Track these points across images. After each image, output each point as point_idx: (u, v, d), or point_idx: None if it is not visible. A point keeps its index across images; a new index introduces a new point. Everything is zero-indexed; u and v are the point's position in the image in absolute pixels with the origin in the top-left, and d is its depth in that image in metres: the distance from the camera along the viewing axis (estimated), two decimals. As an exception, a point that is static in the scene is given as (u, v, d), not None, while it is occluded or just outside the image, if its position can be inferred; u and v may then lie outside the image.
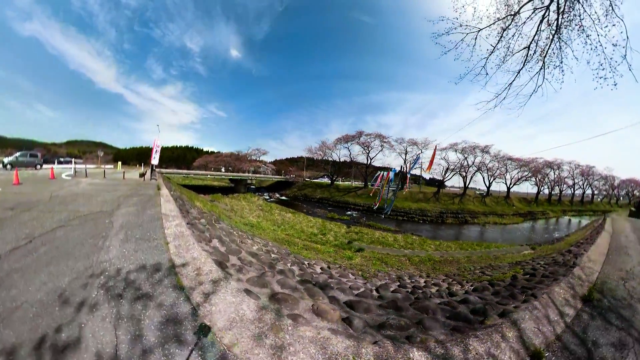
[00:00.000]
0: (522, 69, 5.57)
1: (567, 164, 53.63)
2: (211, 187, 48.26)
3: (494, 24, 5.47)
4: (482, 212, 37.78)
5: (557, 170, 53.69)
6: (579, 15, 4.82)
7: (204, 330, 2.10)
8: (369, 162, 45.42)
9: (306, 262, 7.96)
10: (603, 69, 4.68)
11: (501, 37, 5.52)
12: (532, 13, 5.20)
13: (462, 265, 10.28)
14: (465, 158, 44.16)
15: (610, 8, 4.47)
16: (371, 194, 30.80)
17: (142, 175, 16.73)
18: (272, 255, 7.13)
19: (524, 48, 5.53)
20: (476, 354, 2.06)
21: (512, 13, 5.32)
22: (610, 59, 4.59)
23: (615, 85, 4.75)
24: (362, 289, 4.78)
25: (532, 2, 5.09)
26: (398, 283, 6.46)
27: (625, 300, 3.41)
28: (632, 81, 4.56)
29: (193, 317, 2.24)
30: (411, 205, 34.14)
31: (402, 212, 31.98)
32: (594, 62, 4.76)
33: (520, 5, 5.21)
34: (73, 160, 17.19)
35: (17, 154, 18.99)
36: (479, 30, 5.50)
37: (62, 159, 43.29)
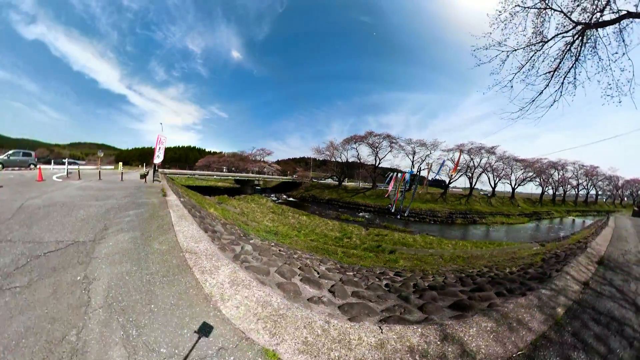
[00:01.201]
0: (545, 89, 7.12)
1: (571, 164, 55.33)
2: (215, 188, 48.37)
3: (527, 47, 6.98)
4: (489, 212, 39.47)
5: (561, 171, 55.52)
6: (596, 45, 6.37)
7: None
8: (378, 162, 46.91)
9: (377, 271, 7.54)
10: (610, 88, 6.24)
11: (530, 58, 7.04)
12: (560, 41, 6.72)
13: (490, 259, 11.34)
14: (472, 159, 45.89)
15: (621, 38, 5.99)
16: (386, 196, 32.24)
17: (144, 176, 15.42)
18: (347, 275, 5.91)
19: (549, 72, 7.06)
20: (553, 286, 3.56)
21: (544, 40, 6.84)
22: (618, 80, 6.13)
23: (620, 102, 6.28)
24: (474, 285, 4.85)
25: (563, 33, 6.60)
26: (464, 274, 6.97)
27: (623, 264, 5.10)
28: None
29: None
30: (421, 206, 35.70)
31: (413, 213, 33.53)
32: (603, 82, 6.31)
33: (552, 36, 6.72)
34: (66, 160, 16.15)
35: (10, 152, 18.31)
36: (514, 50, 7.00)
37: (64, 160, 44.29)
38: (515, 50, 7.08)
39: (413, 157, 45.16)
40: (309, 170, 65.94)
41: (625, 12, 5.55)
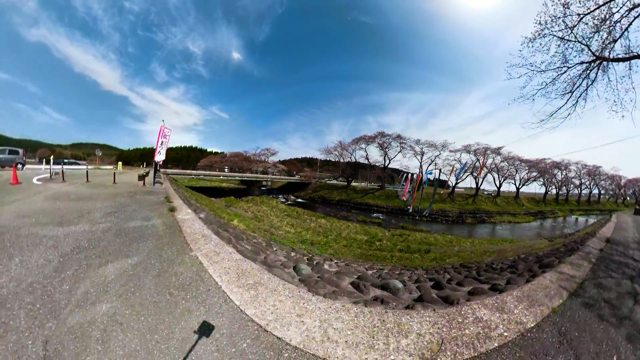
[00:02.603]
0: (562, 106, 9.09)
1: (574, 164, 57.72)
2: (220, 189, 48.15)
3: (551, 70, 8.92)
4: (496, 211, 41.73)
5: (565, 171, 58.08)
6: (608, 70, 8.36)
7: None
8: (388, 163, 48.91)
9: (447, 267, 7.92)
10: (615, 105, 8.24)
11: (553, 79, 8.98)
12: (581, 66, 8.67)
13: (511, 252, 12.64)
14: (478, 159, 48.13)
15: (629, 67, 7.99)
16: (403, 197, 34.09)
17: (143, 177, 13.58)
18: (439, 276, 6.00)
19: (568, 92, 9.01)
20: (581, 253, 5.51)
21: (568, 66, 8.78)
22: (622, 99, 8.12)
23: (623, 117, 8.28)
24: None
25: (584, 62, 8.56)
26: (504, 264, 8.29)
27: (624, 242, 7.30)
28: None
29: None
30: (425, 205, 37.71)
31: (420, 212, 35.47)
32: (610, 99, 8.30)
33: (576, 63, 8.66)
34: (51, 159, 14.34)
35: None
36: (541, 71, 8.95)
37: (65, 160, 45.74)
38: (542, 71, 9.03)
39: (421, 158, 47.27)
40: (315, 170, 67.47)
41: (636, 54, 7.57)
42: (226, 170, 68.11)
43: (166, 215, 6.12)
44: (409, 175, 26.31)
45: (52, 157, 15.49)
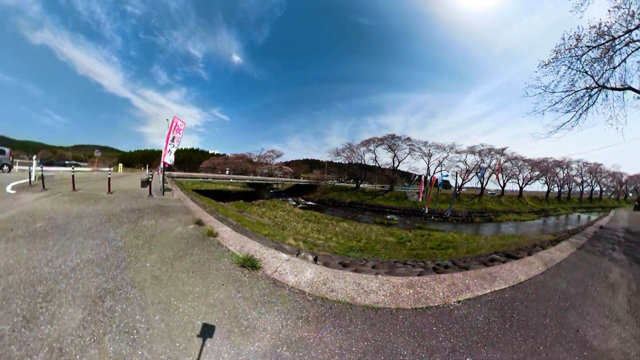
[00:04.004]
0: (567, 122, 11.62)
1: (576, 162, 60.15)
2: (226, 192, 47.56)
3: (560, 92, 11.48)
4: (501, 210, 44.38)
5: (566, 169, 60.88)
6: (607, 93, 10.93)
7: None
8: (397, 165, 51.48)
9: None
10: (611, 118, 10.83)
11: (562, 99, 11.53)
12: (585, 92, 11.22)
13: (526, 242, 15.30)
14: (483, 160, 50.82)
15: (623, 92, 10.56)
16: (420, 199, 36.38)
17: (147, 183, 11.31)
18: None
19: (573, 110, 11.53)
20: (583, 234, 7.99)
21: (574, 90, 11.35)
22: (617, 114, 10.73)
23: (617, 129, 10.85)
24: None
25: (588, 88, 11.10)
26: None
27: (613, 228, 9.71)
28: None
29: None
30: (441, 206, 40.18)
31: (436, 213, 37.97)
32: (607, 114, 10.92)
33: (581, 88, 11.24)
34: (34, 159, 12.45)
35: None
36: (552, 92, 11.51)
37: (67, 162, 47.29)
38: (553, 92, 11.60)
39: (429, 160, 49.86)
40: (323, 172, 69.46)
41: (628, 86, 10.16)
42: (228, 172, 69.13)
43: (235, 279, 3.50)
44: (422, 177, 28.58)
45: (34, 157, 13.36)
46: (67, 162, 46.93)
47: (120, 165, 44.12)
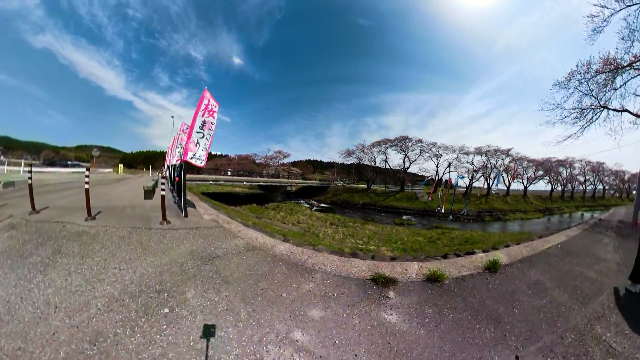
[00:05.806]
0: (574, 133, 14.73)
1: (579, 161, 63.14)
2: (234, 195, 46.93)
3: (571, 109, 14.59)
4: (509, 209, 47.50)
5: (569, 168, 64.19)
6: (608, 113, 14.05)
7: None
8: (408, 166, 54.55)
9: None
10: (610, 130, 13.97)
11: (570, 115, 14.64)
12: (590, 110, 14.32)
13: (536, 236, 18.50)
14: (489, 160, 54.00)
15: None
16: (430, 199, 39.34)
17: (152, 192, 9.47)
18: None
19: (580, 124, 14.65)
20: (586, 224, 10.99)
21: (581, 107, 14.43)
22: (615, 127, 13.86)
23: (615, 139, 13.99)
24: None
25: (592, 108, 14.19)
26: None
27: (609, 220, 12.83)
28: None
29: None
30: (455, 207, 43.10)
31: (448, 212, 40.84)
32: (607, 126, 14.04)
33: (587, 107, 14.31)
34: (4, 159, 10.05)
35: None
36: (563, 109, 14.65)
37: (69, 162, 48.39)
38: (564, 109, 14.72)
39: (438, 161, 52.99)
40: (332, 173, 71.92)
41: (625, 109, 13.25)
42: (230, 173, 69.80)
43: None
44: (436, 178, 31.43)
45: (23, 159, 10.72)
46: (69, 162, 47.48)
47: (121, 166, 44.52)
